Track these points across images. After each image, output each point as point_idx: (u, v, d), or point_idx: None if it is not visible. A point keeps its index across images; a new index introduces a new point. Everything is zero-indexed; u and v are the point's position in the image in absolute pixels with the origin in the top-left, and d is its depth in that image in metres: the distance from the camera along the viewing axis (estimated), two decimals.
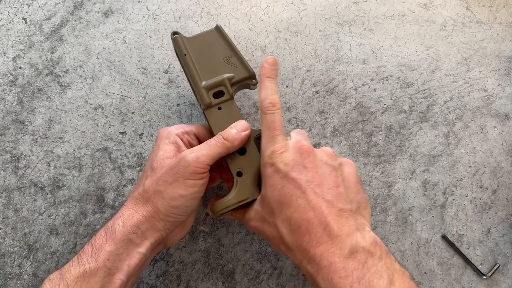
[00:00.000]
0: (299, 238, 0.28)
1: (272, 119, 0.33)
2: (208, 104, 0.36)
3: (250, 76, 0.38)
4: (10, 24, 0.48)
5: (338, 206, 0.29)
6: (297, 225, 0.28)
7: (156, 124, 0.45)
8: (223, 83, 0.37)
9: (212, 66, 0.38)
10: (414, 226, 0.45)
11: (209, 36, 0.40)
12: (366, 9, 0.55)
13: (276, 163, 0.31)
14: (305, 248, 0.27)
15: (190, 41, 0.39)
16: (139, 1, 0.51)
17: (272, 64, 0.36)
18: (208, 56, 0.39)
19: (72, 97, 0.45)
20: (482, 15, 0.57)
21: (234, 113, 0.36)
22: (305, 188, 0.29)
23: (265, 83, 0.35)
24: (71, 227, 0.41)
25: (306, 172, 0.30)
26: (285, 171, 0.30)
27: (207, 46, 0.39)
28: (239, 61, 0.38)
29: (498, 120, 0.51)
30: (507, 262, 0.44)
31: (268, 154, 0.32)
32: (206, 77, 0.37)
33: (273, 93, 0.34)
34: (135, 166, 0.43)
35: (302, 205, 0.28)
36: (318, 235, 0.27)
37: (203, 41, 0.39)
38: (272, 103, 0.34)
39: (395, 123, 0.49)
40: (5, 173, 0.42)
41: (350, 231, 0.27)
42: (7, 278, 0.38)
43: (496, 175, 0.48)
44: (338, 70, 0.51)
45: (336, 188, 0.30)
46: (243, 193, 0.33)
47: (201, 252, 0.41)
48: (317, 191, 0.29)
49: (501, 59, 0.54)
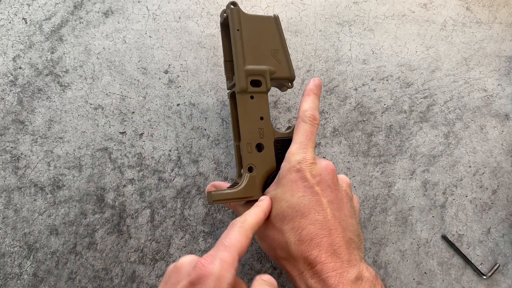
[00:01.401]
0: (307, 250, 0.28)
1: (311, 129, 0.33)
2: (244, 89, 0.34)
3: (290, 78, 0.37)
4: (10, 24, 0.48)
5: (349, 235, 0.29)
6: (310, 238, 0.28)
7: (156, 124, 0.45)
8: (265, 74, 0.35)
9: (258, 53, 0.36)
10: (414, 226, 0.45)
11: (265, 22, 0.38)
12: (366, 9, 0.55)
13: (303, 170, 0.31)
14: (312, 262, 0.27)
15: (245, 18, 0.36)
16: (139, 1, 0.51)
17: (318, 85, 0.36)
18: (258, 41, 0.37)
19: (72, 97, 0.45)
20: (482, 15, 0.57)
21: (264, 107, 0.35)
22: (326, 207, 0.29)
23: (311, 97, 0.35)
24: (71, 227, 0.41)
25: (329, 192, 0.31)
26: (311, 182, 0.30)
27: (260, 31, 0.37)
28: (285, 58, 0.37)
29: (498, 120, 0.51)
30: (507, 262, 0.44)
31: (298, 159, 0.31)
32: (250, 61, 0.35)
33: (315, 108, 0.35)
34: (135, 166, 0.43)
35: (319, 220, 0.29)
36: (328, 253, 0.28)
37: (258, 25, 0.37)
38: (314, 116, 0.34)
39: (395, 123, 0.49)
40: (5, 173, 0.42)
41: (356, 260, 0.28)
42: (7, 278, 0.38)
43: (496, 175, 0.48)
44: (338, 70, 0.51)
45: (350, 218, 0.31)
46: (249, 190, 0.33)
47: (201, 252, 0.41)
48: (336, 214, 0.30)
49: (501, 59, 0.54)
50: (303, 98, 0.35)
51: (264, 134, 0.35)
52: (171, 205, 0.42)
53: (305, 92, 0.36)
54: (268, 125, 0.35)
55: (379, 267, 0.43)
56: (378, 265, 0.43)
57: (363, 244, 0.32)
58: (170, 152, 0.44)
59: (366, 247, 0.43)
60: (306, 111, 0.34)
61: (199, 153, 0.45)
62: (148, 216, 0.42)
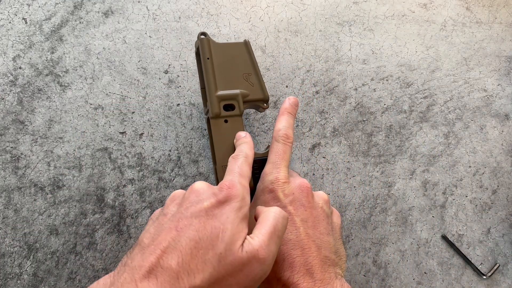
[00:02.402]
0: (280, 271, 0.28)
1: (283, 148, 0.33)
2: (217, 114, 0.35)
3: (264, 99, 0.38)
4: (10, 24, 0.48)
5: (324, 253, 0.29)
6: (282, 258, 0.28)
7: (156, 124, 0.45)
8: (237, 98, 0.37)
9: (230, 78, 0.38)
10: (414, 226, 0.45)
11: (235, 48, 0.40)
12: (366, 9, 0.55)
13: (276, 191, 0.31)
14: (285, 283, 0.27)
15: (215, 47, 0.38)
16: (139, 1, 0.51)
17: (294, 104, 0.36)
18: (229, 67, 0.38)
19: (72, 97, 0.45)
20: (482, 15, 0.57)
21: (239, 129, 0.36)
22: (299, 226, 0.29)
23: (285, 116, 0.35)
24: (71, 227, 0.41)
25: (303, 210, 0.30)
26: (283, 202, 0.30)
27: (231, 57, 0.39)
28: (258, 81, 0.39)
29: (498, 120, 0.51)
30: (507, 262, 0.44)
31: (270, 179, 0.32)
32: (221, 87, 0.37)
33: (289, 127, 0.35)
34: (135, 166, 0.43)
35: (292, 240, 0.29)
36: (300, 274, 0.27)
37: (228, 51, 0.39)
38: (287, 135, 0.34)
39: (395, 123, 0.49)
40: (5, 173, 0.42)
41: (330, 278, 0.28)
42: (7, 278, 0.38)
43: (496, 175, 0.48)
44: (338, 70, 0.51)
45: (326, 236, 0.30)
46: None
47: None
48: (310, 232, 0.29)
49: (501, 59, 0.54)
50: (278, 117, 0.36)
51: None
52: None
53: (280, 111, 0.36)
54: None
55: (379, 267, 0.43)
56: (378, 265, 0.43)
57: (344, 260, 0.32)
58: (170, 152, 0.44)
59: (366, 247, 0.43)
60: (279, 130, 0.34)
61: (199, 153, 0.45)
62: (148, 216, 0.42)
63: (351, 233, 0.44)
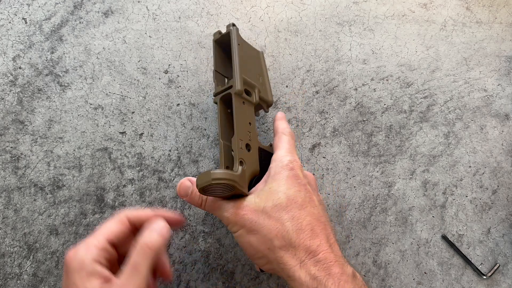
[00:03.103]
0: (308, 239, 0.29)
1: (292, 141, 0.37)
2: (240, 92, 0.37)
3: (268, 102, 0.41)
4: (10, 24, 0.48)
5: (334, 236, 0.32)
6: (310, 227, 0.30)
7: (156, 124, 0.45)
8: (255, 88, 0.39)
9: (249, 71, 0.40)
10: (414, 226, 0.45)
11: (254, 50, 0.44)
12: (366, 9, 0.55)
13: (296, 169, 0.33)
14: (314, 250, 0.28)
15: (241, 40, 0.41)
16: (139, 1, 0.51)
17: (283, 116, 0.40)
18: (250, 62, 0.42)
19: (72, 97, 0.45)
20: (482, 15, 0.57)
21: (252, 115, 0.38)
22: (318, 205, 0.32)
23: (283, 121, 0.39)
24: (71, 227, 0.41)
25: (316, 194, 0.34)
26: (304, 181, 0.32)
27: (251, 56, 0.42)
28: (268, 85, 0.42)
29: (498, 120, 0.51)
30: (507, 262, 0.44)
31: (289, 159, 0.33)
32: (244, 73, 0.39)
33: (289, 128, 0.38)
34: (135, 166, 0.43)
35: (315, 214, 0.31)
36: (326, 245, 0.29)
37: (249, 49, 0.43)
38: (292, 133, 0.37)
39: (395, 123, 0.49)
40: (5, 173, 0.42)
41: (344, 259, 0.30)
42: (7, 278, 0.38)
43: (496, 175, 0.48)
44: (338, 70, 0.51)
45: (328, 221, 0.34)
46: (243, 181, 0.32)
47: (201, 252, 0.41)
48: (324, 214, 0.32)
49: (501, 59, 0.54)
50: (276, 123, 0.38)
51: (251, 138, 0.37)
52: (171, 205, 0.42)
53: (275, 119, 0.39)
54: (254, 131, 0.37)
55: (379, 267, 0.43)
56: (378, 265, 0.43)
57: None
58: (170, 152, 0.44)
59: (366, 247, 0.43)
60: (285, 128, 0.37)
61: (199, 153, 0.45)
62: None
63: (351, 233, 0.44)
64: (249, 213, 0.31)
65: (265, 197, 0.31)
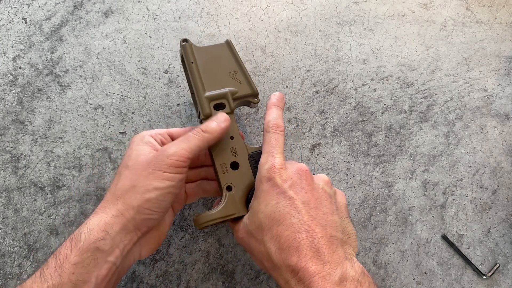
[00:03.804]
0: (287, 257, 0.27)
1: (275, 137, 0.34)
2: (208, 114, 0.36)
3: (253, 94, 0.38)
4: (10, 24, 0.48)
5: (330, 233, 0.29)
6: (287, 244, 0.28)
7: (156, 124, 0.45)
8: (226, 96, 0.37)
9: (217, 79, 0.38)
10: (414, 226, 0.45)
11: (218, 49, 0.40)
12: (366, 9, 0.55)
13: (274, 178, 0.31)
14: (294, 268, 0.27)
15: (198, 51, 0.39)
16: (139, 1, 0.51)
17: (280, 98, 0.37)
18: (214, 68, 0.39)
19: (72, 97, 0.45)
20: (482, 15, 0.57)
21: (232, 127, 0.36)
22: (301, 209, 0.29)
23: (272, 109, 0.36)
24: (71, 227, 0.41)
25: (303, 193, 0.30)
26: (282, 187, 0.30)
27: (215, 59, 0.39)
28: (244, 77, 0.39)
29: (498, 120, 0.51)
30: (507, 262, 0.44)
31: (267, 168, 0.31)
32: (209, 88, 0.37)
33: (278, 118, 0.35)
34: None
35: (295, 224, 0.28)
36: (308, 256, 0.27)
37: (212, 53, 0.40)
38: (277, 125, 0.34)
39: (395, 123, 0.49)
40: (5, 173, 0.42)
41: (340, 259, 0.27)
42: (7, 278, 0.38)
43: (496, 175, 0.48)
44: (338, 70, 0.51)
45: (331, 215, 0.30)
46: (230, 208, 0.33)
47: (201, 252, 0.41)
48: (312, 214, 0.29)
49: (501, 59, 0.54)
50: (266, 112, 0.36)
51: (237, 152, 0.36)
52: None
53: (267, 106, 0.37)
54: (239, 143, 0.36)
55: (379, 267, 0.43)
56: (378, 265, 0.43)
57: (354, 238, 0.31)
58: None
59: (366, 247, 0.43)
60: (269, 121, 0.35)
61: None
62: None
63: None
64: (244, 236, 0.32)
65: (251, 218, 0.31)
